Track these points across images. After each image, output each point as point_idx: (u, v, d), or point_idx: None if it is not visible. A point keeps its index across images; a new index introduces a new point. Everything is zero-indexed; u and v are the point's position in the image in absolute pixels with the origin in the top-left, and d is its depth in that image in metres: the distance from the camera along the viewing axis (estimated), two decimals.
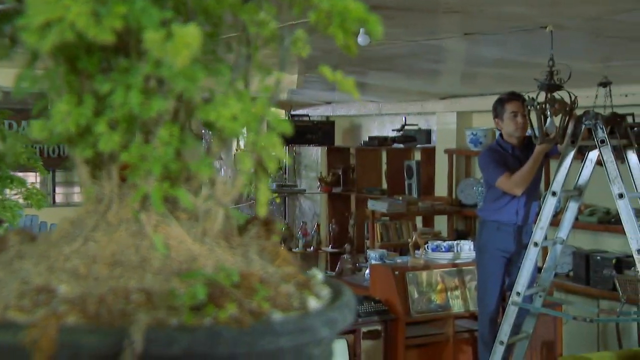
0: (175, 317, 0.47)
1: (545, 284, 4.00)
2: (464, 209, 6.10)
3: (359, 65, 5.41)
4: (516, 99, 4.02)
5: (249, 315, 0.48)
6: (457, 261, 4.74)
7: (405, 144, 6.77)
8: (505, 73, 4.99)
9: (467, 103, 6.19)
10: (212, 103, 0.50)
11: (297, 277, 0.54)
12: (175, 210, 0.53)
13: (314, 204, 8.35)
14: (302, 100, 7.94)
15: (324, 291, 0.56)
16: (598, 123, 3.56)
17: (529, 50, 4.06)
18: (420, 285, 4.60)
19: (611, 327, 5.06)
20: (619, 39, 3.56)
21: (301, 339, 0.49)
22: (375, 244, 6.04)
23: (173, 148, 0.50)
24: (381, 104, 7.21)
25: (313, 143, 7.49)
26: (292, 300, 0.52)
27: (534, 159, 3.85)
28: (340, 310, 0.52)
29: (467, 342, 4.59)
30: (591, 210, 5.24)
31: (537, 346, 4.60)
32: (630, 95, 4.81)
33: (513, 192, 3.90)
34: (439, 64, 5.01)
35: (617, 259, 4.96)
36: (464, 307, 4.61)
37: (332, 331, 0.51)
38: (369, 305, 4.47)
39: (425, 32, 3.88)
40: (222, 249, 0.53)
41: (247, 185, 0.53)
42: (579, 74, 4.27)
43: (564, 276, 5.37)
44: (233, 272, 0.49)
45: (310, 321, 0.50)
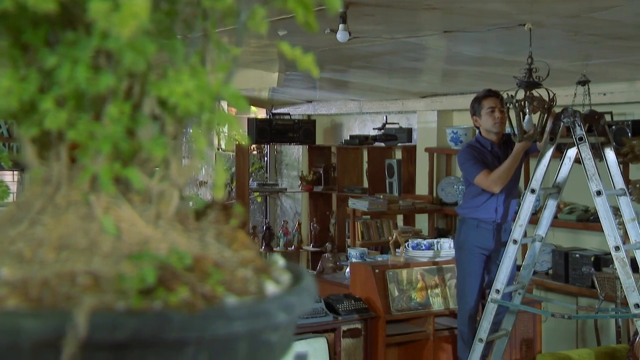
0: (123, 301, 0.45)
1: (525, 282, 4.01)
2: (444, 207, 6.11)
3: (339, 63, 5.40)
4: (492, 95, 4.03)
5: (202, 299, 0.46)
6: (437, 259, 4.74)
7: (386, 143, 6.77)
8: (485, 71, 5.01)
9: (448, 102, 6.20)
10: (164, 79, 0.48)
11: (255, 261, 0.52)
12: (127, 192, 0.51)
13: (295, 202, 8.33)
14: (284, 99, 7.92)
15: (284, 276, 0.54)
16: (576, 120, 3.57)
17: (508, 48, 4.07)
18: (400, 284, 4.59)
19: (590, 325, 5.09)
20: (597, 36, 3.58)
21: (256, 324, 0.47)
22: (356, 242, 6.04)
23: (123, 126, 0.48)
24: (362, 103, 7.20)
25: (294, 142, 7.47)
26: (249, 285, 0.50)
27: (513, 157, 3.86)
28: (298, 294, 0.50)
29: (447, 339, 4.60)
30: (570, 208, 5.27)
31: (517, 344, 4.62)
32: (608, 94, 4.84)
33: (491, 189, 3.91)
34: (419, 62, 5.01)
35: (596, 256, 5.00)
36: (444, 305, 4.62)
37: (290, 316, 0.49)
38: (349, 303, 4.46)
39: (406, 29, 3.88)
40: (176, 232, 0.51)
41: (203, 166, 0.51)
42: (558, 73, 4.29)
43: (543, 274, 5.40)
44: (185, 254, 0.47)
45: (265, 306, 0.48)
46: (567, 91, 4.00)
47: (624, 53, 3.96)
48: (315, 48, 4.85)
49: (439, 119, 6.28)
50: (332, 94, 7.25)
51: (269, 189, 8.28)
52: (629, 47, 3.76)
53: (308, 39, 4.50)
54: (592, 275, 4.81)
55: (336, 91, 7.00)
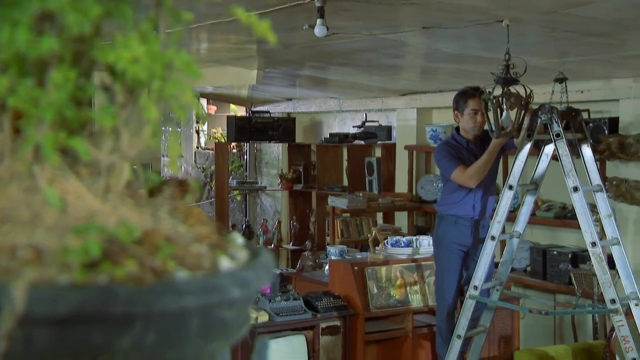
0: (66, 274, 0.42)
1: (502, 278, 4.02)
2: (424, 205, 6.12)
3: (319, 60, 5.38)
4: (478, 97, 4.03)
5: (151, 273, 0.44)
6: (416, 256, 4.74)
7: (366, 141, 6.77)
8: (464, 69, 5.01)
9: (427, 99, 6.21)
10: (112, 44, 0.46)
11: (210, 237, 0.50)
12: (75, 164, 0.49)
13: (275, 201, 8.30)
14: (263, 97, 7.89)
15: (241, 253, 0.52)
16: (554, 117, 3.58)
17: (487, 45, 4.07)
18: (379, 281, 4.59)
19: (567, 321, 5.12)
20: (574, 33, 3.60)
21: (208, 299, 0.45)
22: (335, 240, 6.02)
23: (68, 93, 0.45)
24: (342, 101, 7.19)
25: (274, 140, 7.44)
26: (203, 260, 0.48)
27: (489, 152, 3.87)
28: (254, 270, 0.49)
29: (425, 337, 4.60)
30: (548, 205, 5.30)
31: (495, 340, 4.63)
32: (585, 91, 4.87)
33: (467, 184, 3.91)
34: (398, 59, 5.01)
35: (573, 253, 5.02)
36: (422, 302, 4.62)
37: (245, 292, 0.47)
38: (328, 301, 4.44)
39: (384, 25, 3.87)
40: (127, 207, 0.49)
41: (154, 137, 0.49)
42: (535, 70, 4.30)
43: (521, 271, 5.42)
44: (134, 227, 0.45)
45: (219, 280, 0.46)
46: (545, 89, 4.01)
47: (600, 50, 3.99)
48: (295, 45, 4.83)
49: (418, 116, 6.29)
50: (312, 92, 7.23)
51: (249, 187, 8.25)
52: (605, 44, 3.78)
53: (287, 36, 4.48)
54: (569, 272, 4.84)
55: (316, 89, 6.98)
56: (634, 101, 4.72)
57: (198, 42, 5.25)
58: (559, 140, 3.59)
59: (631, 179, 4.73)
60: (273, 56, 5.47)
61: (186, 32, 4.73)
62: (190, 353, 0.46)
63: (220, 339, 0.48)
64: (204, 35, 4.94)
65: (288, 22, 3.95)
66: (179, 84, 0.48)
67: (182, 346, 0.45)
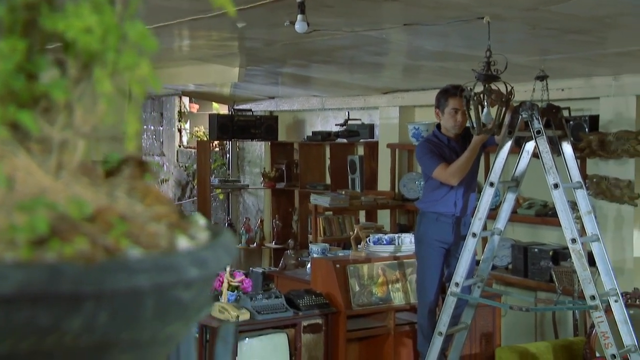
0: (12, 252, 0.40)
1: (484, 275, 4.03)
2: (406, 203, 6.12)
3: (301, 57, 5.37)
4: (459, 95, 4.03)
5: (103, 251, 0.42)
6: (398, 254, 4.74)
7: (348, 139, 6.76)
8: (446, 67, 5.02)
9: (409, 98, 6.21)
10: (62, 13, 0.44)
11: (169, 217, 0.49)
12: (26, 140, 0.47)
13: (258, 199, 8.27)
14: (246, 95, 7.85)
15: (202, 234, 0.50)
16: (534, 114, 3.59)
17: (468, 42, 4.08)
18: (361, 278, 4.58)
19: (548, 318, 5.14)
20: (554, 30, 3.61)
21: (163, 278, 0.43)
22: (317, 238, 6.00)
23: (15, 63, 0.43)
24: (324, 99, 7.18)
25: (256, 138, 7.41)
26: (159, 240, 0.46)
27: (470, 149, 3.87)
28: (213, 250, 0.47)
29: (407, 334, 4.59)
30: (529, 203, 5.32)
31: (476, 338, 4.64)
32: (566, 89, 4.90)
33: (449, 182, 3.91)
34: (380, 56, 5.01)
35: (554, 251, 5.05)
36: (404, 300, 4.61)
37: (203, 272, 0.45)
38: (310, 298, 4.42)
39: (366, 22, 3.86)
40: (81, 185, 0.47)
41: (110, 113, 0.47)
42: (517, 68, 4.32)
43: (503, 269, 5.44)
44: (85, 204, 0.43)
45: (175, 259, 0.44)
46: (526, 86, 4.02)
47: (580, 48, 4.00)
48: (277, 42, 4.81)
49: (400, 115, 6.29)
50: (294, 90, 7.21)
51: (231, 186, 8.21)
52: (585, 41, 3.80)
53: (269, 32, 4.46)
54: (550, 269, 4.86)
55: (298, 87, 6.97)
56: (614, 99, 4.75)
57: (180, 39, 5.22)
58: (540, 137, 3.60)
59: (611, 177, 4.76)
60: (255, 54, 5.44)
61: (168, 29, 4.69)
62: (146, 335, 0.44)
63: (179, 321, 0.46)
64: (185, 32, 4.91)
65: (269, 18, 3.93)
66: (136, 58, 0.46)
67: (137, 327, 0.44)
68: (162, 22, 4.18)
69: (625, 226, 4.73)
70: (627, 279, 4.58)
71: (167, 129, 9.46)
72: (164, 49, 5.62)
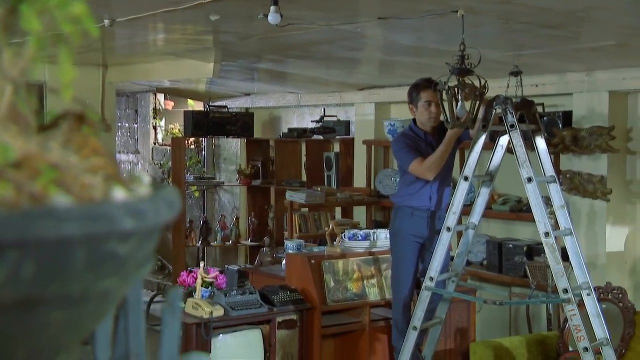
0: None
1: (458, 269, 4.03)
2: (382, 199, 6.11)
3: (276, 52, 5.33)
4: (431, 88, 4.03)
5: (29, 198, 0.39)
6: (374, 250, 4.73)
7: (324, 136, 6.74)
8: (422, 62, 5.01)
9: (385, 94, 6.21)
10: None
11: (106, 169, 0.46)
12: None
13: (234, 197, 8.22)
14: (221, 92, 7.80)
15: (143, 189, 0.47)
16: (508, 108, 3.60)
17: (443, 37, 4.08)
18: (336, 274, 4.56)
19: (522, 314, 5.17)
20: (528, 25, 3.62)
21: (95, 229, 0.40)
22: (293, 235, 5.98)
23: None
24: (300, 96, 7.16)
25: (232, 135, 7.36)
26: (94, 191, 0.43)
27: (445, 144, 3.87)
28: (152, 202, 0.44)
29: (383, 330, 4.58)
30: (504, 199, 5.34)
31: (451, 333, 4.64)
32: (540, 85, 4.92)
33: (425, 177, 3.91)
34: (356, 51, 4.99)
35: (529, 246, 5.07)
36: (380, 296, 4.60)
37: (140, 224, 0.42)
38: (285, 294, 4.39)
39: (341, 15, 3.84)
40: (10, 134, 0.44)
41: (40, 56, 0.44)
42: (491, 64, 4.33)
43: (478, 265, 5.45)
44: (10, 148, 0.41)
45: (107, 208, 0.41)
46: (501, 83, 4.03)
47: (554, 43, 4.02)
48: (252, 36, 4.77)
49: (376, 111, 6.29)
50: (271, 87, 7.17)
51: (206, 183, 8.14)
52: (559, 36, 3.81)
53: (243, 26, 4.42)
54: (524, 265, 4.88)
55: (274, 83, 6.93)
56: (587, 95, 4.78)
57: (154, 32, 5.15)
58: (514, 131, 3.60)
59: (584, 172, 4.79)
60: (230, 49, 5.40)
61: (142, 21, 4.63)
62: (77, 289, 0.41)
63: (114, 277, 0.43)
64: (160, 25, 4.85)
65: (243, 11, 3.89)
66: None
67: (67, 281, 0.41)
68: (135, 15, 4.12)
69: (598, 221, 4.77)
70: (600, 273, 4.61)
71: (142, 127, 9.37)
72: (138, 43, 5.56)
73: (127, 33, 5.05)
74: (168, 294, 0.56)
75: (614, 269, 4.74)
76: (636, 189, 4.80)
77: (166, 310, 0.56)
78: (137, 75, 6.82)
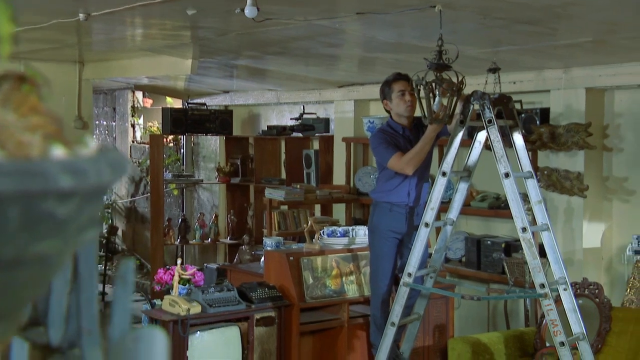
0: None
1: (436, 265, 4.03)
2: (361, 197, 6.11)
3: (255, 49, 5.30)
4: (402, 79, 4.03)
5: None
6: (352, 246, 4.71)
7: (303, 133, 6.72)
8: (401, 59, 5.01)
9: (364, 91, 6.20)
10: None
11: (45, 128, 0.43)
12: None
13: (213, 195, 8.17)
14: (200, 89, 7.75)
15: (86, 150, 0.45)
16: (485, 103, 3.60)
17: (422, 32, 4.07)
18: (315, 271, 4.54)
19: (500, 310, 5.18)
20: (505, 20, 3.62)
21: (28, 184, 0.38)
22: (272, 232, 5.95)
23: None
24: (279, 93, 7.13)
25: (210, 132, 7.31)
26: (30, 149, 0.41)
27: (424, 139, 3.86)
28: (94, 162, 0.42)
29: (361, 327, 4.57)
30: (482, 196, 5.36)
31: (430, 329, 4.64)
32: (518, 82, 4.94)
33: (404, 171, 3.89)
34: (335, 47, 4.98)
35: (507, 243, 5.09)
36: (358, 292, 4.59)
37: (80, 183, 0.40)
38: (263, 291, 4.36)
39: (318, 10, 3.82)
40: None
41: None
42: (469, 60, 4.33)
43: (456, 261, 5.46)
44: None
45: (42, 164, 0.39)
46: (479, 79, 4.04)
47: (531, 39, 4.03)
48: (230, 31, 4.73)
49: (355, 108, 6.28)
50: (250, 84, 7.14)
51: (185, 180, 8.09)
52: (536, 32, 3.83)
53: (221, 21, 4.38)
54: (502, 261, 4.89)
55: (253, 80, 6.90)
56: (564, 92, 4.81)
57: (132, 27, 5.09)
58: (491, 126, 3.61)
59: (561, 169, 4.82)
60: (208, 44, 5.36)
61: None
62: (10, 249, 0.39)
63: (53, 239, 0.41)
64: (137, 20, 4.79)
65: (220, 5, 3.86)
66: None
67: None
68: (111, 8, 4.07)
69: (575, 218, 4.80)
70: (577, 269, 4.64)
71: (119, 124, 9.28)
72: (115, 39, 5.50)
73: (103, 28, 4.99)
74: (120, 267, 0.54)
75: (591, 265, 4.78)
76: (612, 186, 4.84)
77: (117, 284, 0.53)
78: (114, 72, 6.75)
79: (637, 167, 4.71)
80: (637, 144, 4.72)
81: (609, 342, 4.00)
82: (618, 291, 4.65)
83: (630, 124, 4.73)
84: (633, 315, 4.05)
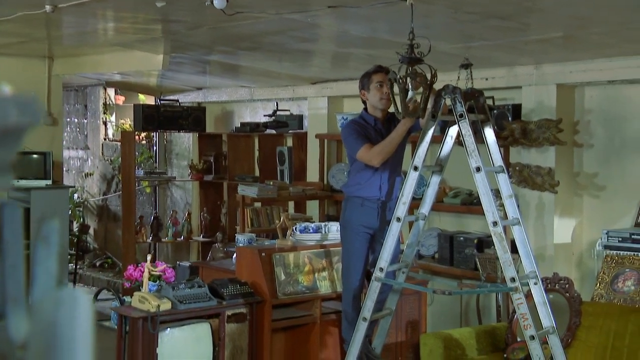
0: None
1: (408, 260, 4.01)
2: (335, 194, 6.09)
3: (227, 44, 5.26)
4: (382, 71, 4.02)
5: None
6: (325, 242, 4.69)
7: (277, 130, 6.69)
8: (374, 54, 5.00)
9: (338, 88, 6.19)
10: None
11: None
12: None
13: (186, 193, 8.09)
14: (173, 86, 7.68)
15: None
16: (457, 97, 3.60)
17: (394, 26, 4.06)
18: (287, 267, 4.50)
19: (472, 306, 5.20)
20: (476, 15, 3.62)
21: None
22: (245, 229, 5.90)
23: None
24: (253, 90, 7.09)
25: (183, 129, 7.24)
26: None
27: (396, 131, 3.84)
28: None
29: (333, 323, 4.54)
30: (455, 192, 5.37)
31: (402, 325, 4.63)
32: (490, 78, 4.96)
33: (372, 163, 3.87)
34: (308, 42, 4.95)
35: (479, 239, 5.10)
36: (331, 288, 4.56)
37: None
38: (234, 287, 4.32)
39: (290, 2, 3.79)
40: None
41: None
42: (442, 56, 4.33)
43: (429, 258, 5.47)
44: None
45: None
46: (451, 76, 4.04)
47: (502, 34, 4.04)
48: (201, 25, 4.68)
49: (329, 105, 6.26)
50: (223, 80, 7.08)
51: (157, 178, 8.00)
52: (507, 27, 3.83)
53: (191, 13, 4.33)
54: (475, 257, 4.91)
55: (226, 76, 6.84)
56: (535, 88, 4.83)
57: (102, 20, 5.01)
58: (462, 120, 3.60)
59: (533, 165, 4.84)
60: (180, 39, 5.30)
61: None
62: None
63: None
64: (107, 12, 4.72)
65: None
66: None
67: None
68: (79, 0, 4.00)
69: (546, 213, 4.83)
70: (548, 264, 4.67)
71: (91, 122, 9.16)
72: (85, 33, 5.41)
73: (73, 21, 4.91)
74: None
75: (561, 260, 4.81)
76: (583, 181, 4.87)
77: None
78: (85, 67, 6.65)
79: (607, 163, 4.75)
80: (607, 140, 4.76)
81: (579, 336, 4.02)
82: (588, 286, 4.68)
83: (600, 120, 4.77)
84: (602, 310, 4.07)
